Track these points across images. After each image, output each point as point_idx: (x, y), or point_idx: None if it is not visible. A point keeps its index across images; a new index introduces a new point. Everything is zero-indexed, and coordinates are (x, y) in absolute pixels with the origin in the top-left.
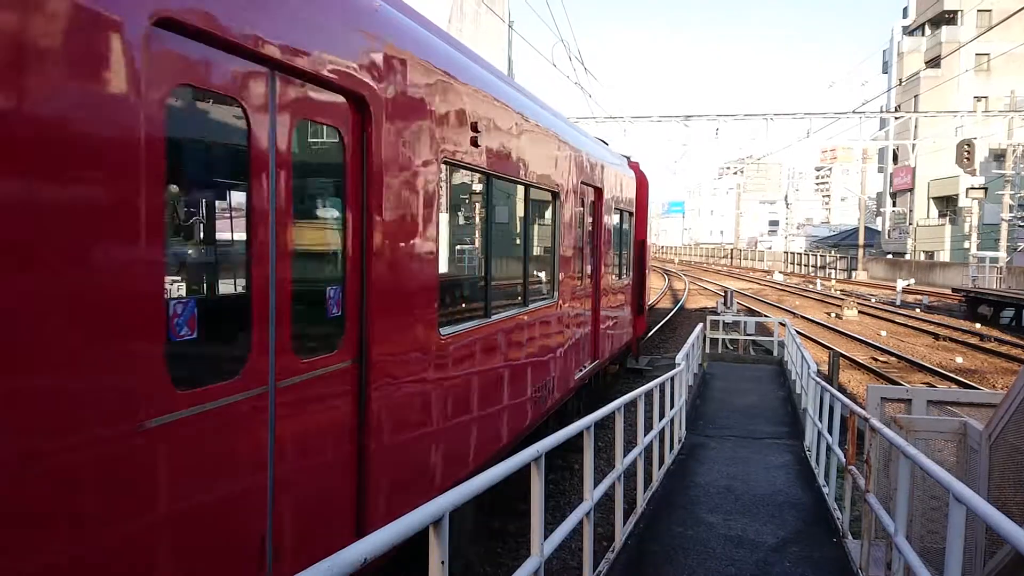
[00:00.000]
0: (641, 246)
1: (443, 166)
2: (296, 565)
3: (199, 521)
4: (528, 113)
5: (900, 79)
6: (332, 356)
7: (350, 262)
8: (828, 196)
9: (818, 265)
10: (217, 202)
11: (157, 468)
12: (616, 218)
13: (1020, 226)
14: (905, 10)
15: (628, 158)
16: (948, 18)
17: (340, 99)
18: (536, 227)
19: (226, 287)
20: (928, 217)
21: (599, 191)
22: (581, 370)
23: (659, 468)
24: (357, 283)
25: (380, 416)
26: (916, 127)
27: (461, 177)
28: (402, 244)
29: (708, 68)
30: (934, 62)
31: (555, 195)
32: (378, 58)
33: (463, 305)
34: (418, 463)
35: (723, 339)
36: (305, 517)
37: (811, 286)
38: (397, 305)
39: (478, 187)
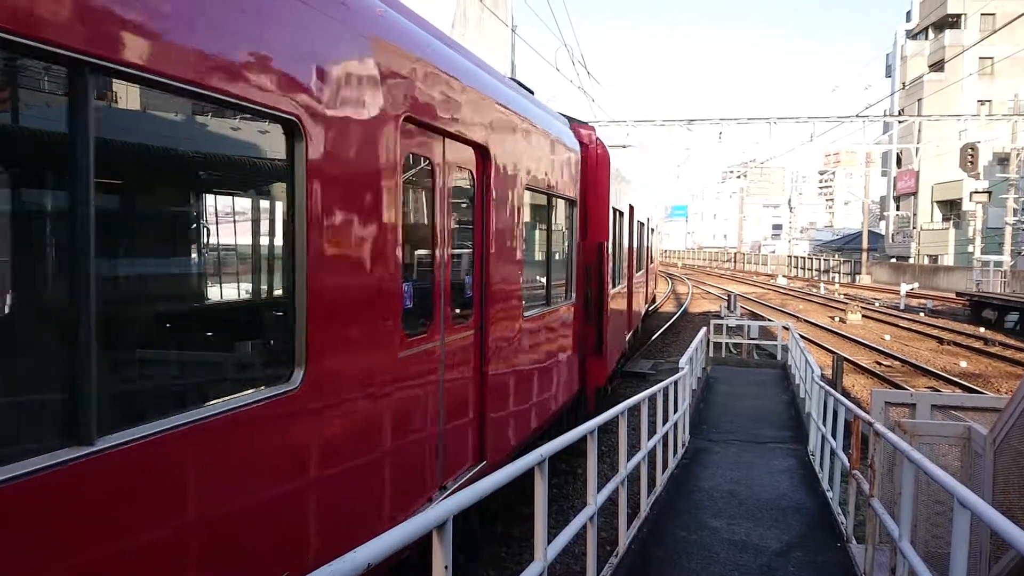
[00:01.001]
0: (597, 253)
1: None
2: None
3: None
4: None
5: (904, 83)
6: None
7: None
8: (832, 200)
9: (821, 269)
10: None
11: None
12: (536, 206)
13: None
14: (908, 14)
15: (573, 120)
16: (952, 22)
17: None
18: (196, 206)
19: None
20: (932, 221)
21: (482, 152)
22: (423, 505)
23: (663, 472)
24: None
25: None
26: (920, 131)
27: None
28: None
29: (711, 72)
30: (938, 66)
31: (292, 128)
32: None
33: None
34: None
35: (727, 343)
36: None
37: (815, 290)
38: None
39: None
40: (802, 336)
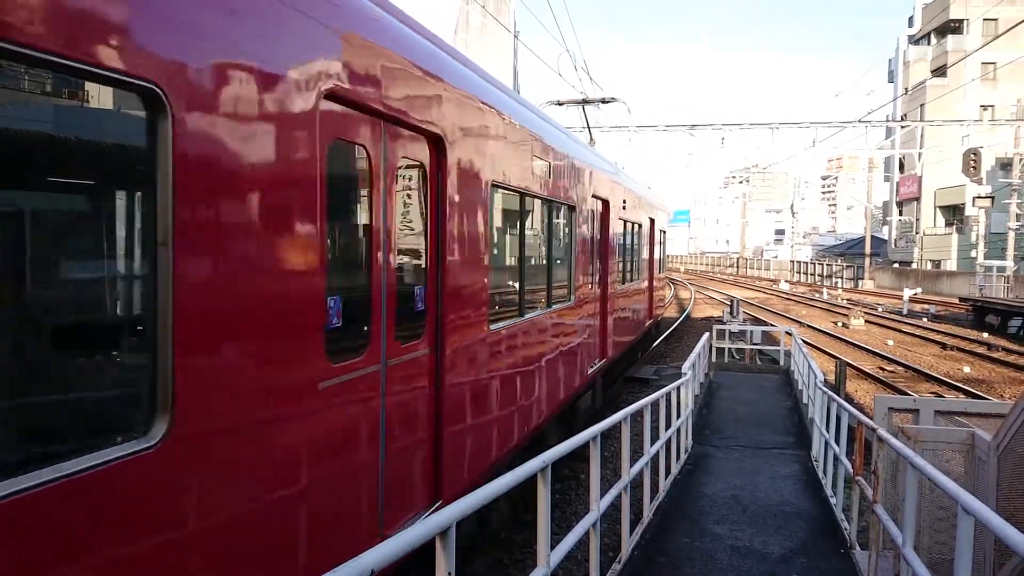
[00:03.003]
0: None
1: None
2: None
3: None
4: None
5: (906, 88)
6: None
7: None
8: (834, 205)
9: (824, 274)
10: None
11: None
12: None
13: None
14: (911, 19)
15: None
16: (954, 27)
17: None
18: None
19: None
20: (935, 226)
21: None
22: None
23: (665, 478)
24: None
25: None
26: (922, 136)
27: None
28: None
29: (713, 77)
30: (940, 71)
31: None
32: None
33: None
34: None
35: (729, 348)
36: None
37: (817, 295)
38: None
39: None
40: (805, 341)
